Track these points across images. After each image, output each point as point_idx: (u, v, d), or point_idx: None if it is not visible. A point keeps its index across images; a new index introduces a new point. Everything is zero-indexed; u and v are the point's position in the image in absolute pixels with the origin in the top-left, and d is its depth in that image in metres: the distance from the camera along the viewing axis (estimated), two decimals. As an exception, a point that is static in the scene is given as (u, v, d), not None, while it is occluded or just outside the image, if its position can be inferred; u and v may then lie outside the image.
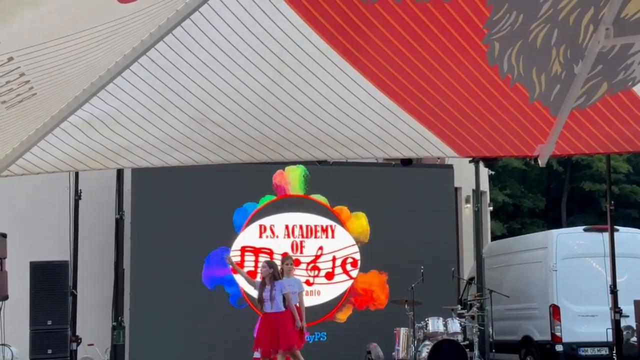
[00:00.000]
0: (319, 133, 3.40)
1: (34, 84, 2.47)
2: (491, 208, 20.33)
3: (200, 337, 12.63)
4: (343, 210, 13.50)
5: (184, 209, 12.86)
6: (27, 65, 2.38)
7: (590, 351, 13.03)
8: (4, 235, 9.06)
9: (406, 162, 12.71)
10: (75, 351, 8.96)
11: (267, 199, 13.11)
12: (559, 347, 13.14)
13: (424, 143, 3.54)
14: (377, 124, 3.44)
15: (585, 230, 13.81)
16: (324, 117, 3.35)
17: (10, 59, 2.29)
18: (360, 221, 13.52)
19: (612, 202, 12.53)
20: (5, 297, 8.93)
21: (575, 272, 13.34)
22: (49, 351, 8.40)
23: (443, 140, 3.57)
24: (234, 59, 3.16)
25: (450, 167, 14.11)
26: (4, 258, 8.96)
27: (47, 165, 3.35)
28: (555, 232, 14.20)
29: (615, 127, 3.55)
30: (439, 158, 13.62)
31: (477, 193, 14.47)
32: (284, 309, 10.41)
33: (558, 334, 13.15)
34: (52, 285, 8.59)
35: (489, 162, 13.06)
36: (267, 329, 10.39)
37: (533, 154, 3.71)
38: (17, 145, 3.08)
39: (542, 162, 3.67)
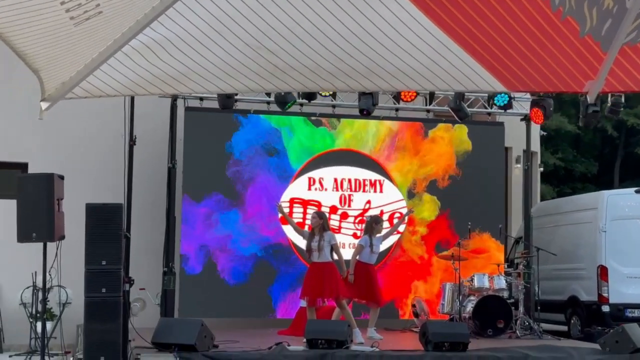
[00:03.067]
0: (371, 64, 3.47)
1: (100, 1, 2.57)
2: (542, 169, 20.15)
3: (249, 284, 12.86)
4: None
5: (235, 158, 13.05)
6: (96, -18, 2.48)
7: (637, 312, 12.97)
8: (62, 177, 9.31)
9: (460, 116, 12.69)
10: (128, 292, 9.20)
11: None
12: (605, 308, 13.10)
13: (474, 77, 3.58)
14: (428, 56, 3.50)
15: (636, 191, 13.65)
16: (376, 47, 3.41)
17: (80, -27, 2.39)
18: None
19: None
20: (62, 237, 9.21)
21: (625, 233, 13.24)
22: (103, 290, 8.63)
23: (493, 74, 3.60)
24: (291, -13, 3.23)
25: (501, 124, 14.04)
26: (61, 199, 9.22)
27: (108, 89, 3.47)
28: (606, 193, 14.07)
29: (667, 64, 3.54)
30: (490, 114, 13.66)
31: (528, 152, 14.38)
32: (330, 259, 10.56)
33: (605, 294, 13.11)
34: (106, 226, 8.79)
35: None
36: (313, 278, 10.56)
37: (582, 90, 3.72)
38: (82, 67, 3.21)
39: (590, 99, 3.69)
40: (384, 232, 11.89)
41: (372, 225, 11.44)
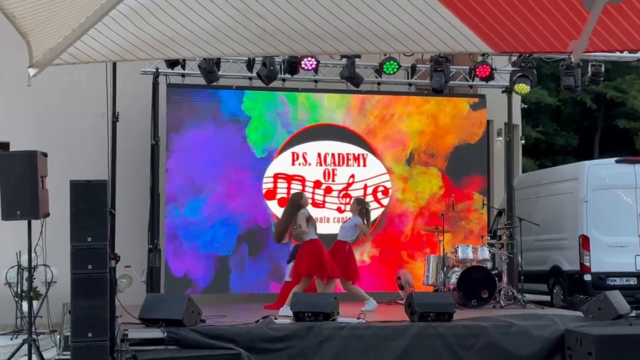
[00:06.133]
0: (359, 26, 3.49)
1: (88, -37, 2.57)
2: (523, 141, 20.25)
3: (235, 260, 12.92)
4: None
5: (217, 136, 13.06)
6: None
7: (618, 281, 13.13)
8: (45, 155, 9.25)
9: (437, 89, 12.77)
10: (114, 268, 9.18)
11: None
12: (587, 277, 13.26)
13: (461, 38, 3.61)
14: (415, 18, 3.52)
15: (617, 161, 13.79)
16: (363, 9, 3.43)
17: None
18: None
19: (645, 133, 12.42)
20: (47, 215, 9.17)
21: (606, 203, 13.37)
22: (89, 267, 8.60)
23: (479, 36, 3.63)
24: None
25: (483, 97, 14.10)
26: (45, 176, 9.17)
27: (96, 54, 3.47)
28: (586, 163, 14.20)
29: (649, 23, 3.58)
30: (471, 86, 13.71)
31: (509, 124, 14.47)
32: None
33: (587, 264, 13.26)
34: (91, 203, 8.73)
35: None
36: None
37: (566, 50, 3.76)
38: (69, 33, 3.20)
39: (575, 58, 3.76)
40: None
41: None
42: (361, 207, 11.36)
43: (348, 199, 13.18)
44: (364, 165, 13.49)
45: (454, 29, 3.59)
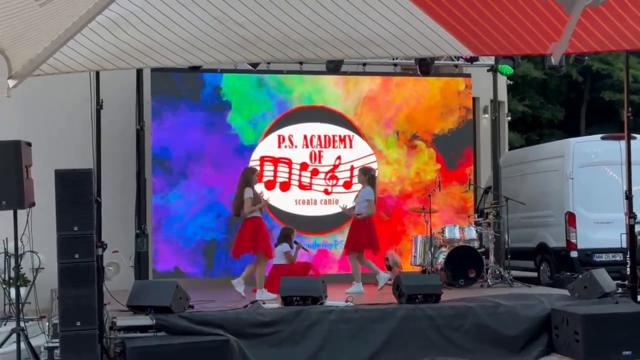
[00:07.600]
0: (338, 33, 3.48)
1: (64, -18, 2.55)
2: (509, 118, 20.28)
3: (223, 244, 12.93)
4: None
5: (202, 119, 13.01)
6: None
7: (604, 257, 13.24)
8: (29, 144, 9.20)
9: (424, 70, 12.75)
10: (102, 256, 9.17)
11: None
12: (573, 254, 13.36)
13: (440, 42, 3.61)
14: (394, 24, 3.51)
15: (602, 138, 13.84)
16: (343, 16, 3.43)
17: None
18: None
19: (631, 110, 12.42)
20: (32, 204, 9.15)
21: (592, 180, 13.45)
22: (76, 256, 8.59)
23: (459, 39, 3.63)
24: (255, -42, 3.21)
25: (469, 75, 14.09)
26: (30, 166, 9.13)
27: (75, 65, 3.46)
28: (572, 140, 14.26)
29: (628, 24, 3.59)
30: (456, 66, 13.70)
31: (495, 102, 14.47)
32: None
33: (573, 240, 13.36)
34: (76, 192, 8.71)
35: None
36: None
37: (546, 52, 3.77)
38: (48, 44, 3.18)
39: (555, 60, 3.75)
40: None
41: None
42: (368, 177, 11.34)
43: (335, 181, 13.23)
44: (350, 146, 13.49)
45: (434, 33, 3.59)
